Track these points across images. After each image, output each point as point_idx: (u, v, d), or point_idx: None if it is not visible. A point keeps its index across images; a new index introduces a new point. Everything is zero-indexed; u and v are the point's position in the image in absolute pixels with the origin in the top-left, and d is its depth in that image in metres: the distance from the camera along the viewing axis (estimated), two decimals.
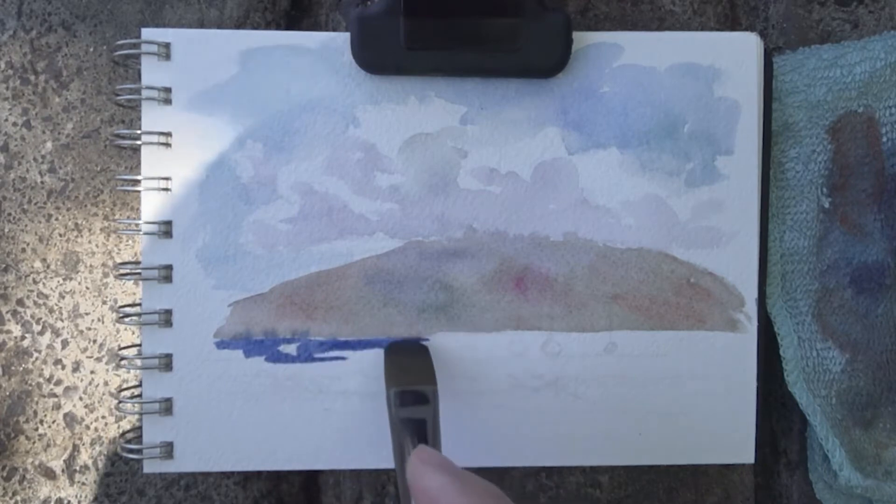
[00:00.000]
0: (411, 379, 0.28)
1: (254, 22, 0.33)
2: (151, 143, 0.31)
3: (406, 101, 0.31)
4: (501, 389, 0.32)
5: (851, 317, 0.33)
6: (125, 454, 0.31)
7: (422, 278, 0.31)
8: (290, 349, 0.31)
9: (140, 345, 0.31)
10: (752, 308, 0.32)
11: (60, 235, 0.33)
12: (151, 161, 0.31)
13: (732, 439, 0.32)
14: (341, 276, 0.31)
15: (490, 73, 0.31)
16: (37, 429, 0.33)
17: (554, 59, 0.30)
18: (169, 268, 0.31)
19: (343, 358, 0.31)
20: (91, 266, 0.33)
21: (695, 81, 0.31)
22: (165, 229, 0.31)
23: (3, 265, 0.33)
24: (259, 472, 0.33)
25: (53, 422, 0.33)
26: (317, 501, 0.34)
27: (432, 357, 0.30)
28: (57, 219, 0.33)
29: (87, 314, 0.33)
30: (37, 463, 0.33)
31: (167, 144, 0.31)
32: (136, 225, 0.31)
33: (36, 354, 0.33)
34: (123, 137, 0.31)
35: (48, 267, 0.33)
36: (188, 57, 0.31)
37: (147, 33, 0.31)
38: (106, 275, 0.33)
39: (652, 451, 0.32)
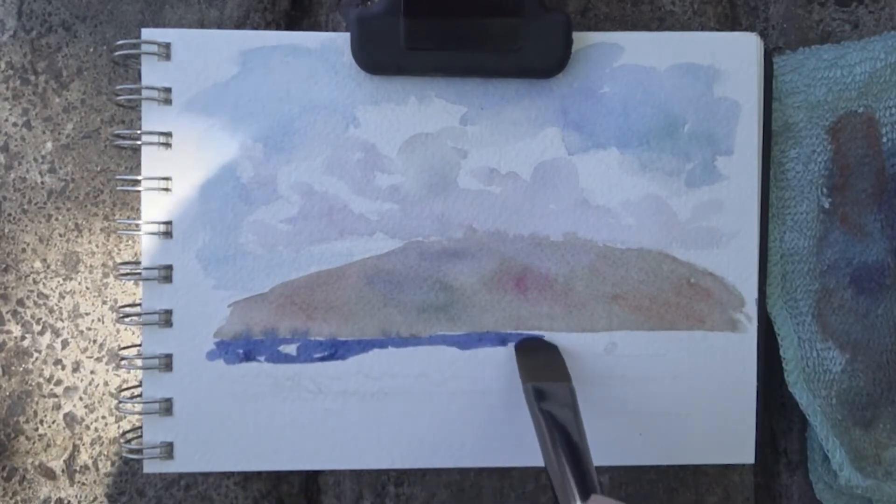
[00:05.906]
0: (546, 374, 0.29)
1: (254, 22, 0.33)
2: (151, 144, 0.31)
3: (406, 101, 0.31)
4: (501, 389, 0.32)
5: (851, 317, 0.33)
6: (125, 454, 0.31)
7: (422, 278, 0.31)
8: (290, 349, 0.31)
9: (140, 345, 0.31)
10: (752, 308, 0.32)
11: (60, 235, 0.33)
12: (151, 161, 0.31)
13: (732, 439, 0.32)
14: (341, 276, 0.31)
15: (490, 73, 0.31)
16: (37, 429, 0.33)
17: (554, 59, 0.30)
18: (169, 268, 0.31)
19: (343, 358, 0.31)
20: (91, 266, 0.33)
21: (695, 81, 0.31)
22: (165, 229, 0.31)
23: (3, 265, 0.33)
24: (259, 472, 0.33)
25: (53, 422, 0.33)
26: (317, 501, 0.34)
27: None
28: (57, 219, 0.33)
29: (87, 314, 0.33)
30: (37, 463, 0.33)
31: (167, 144, 0.31)
32: (136, 225, 0.31)
33: (36, 354, 0.33)
34: (123, 137, 0.31)
35: (48, 267, 0.33)
36: (188, 57, 0.31)
37: (147, 33, 0.31)
38: (106, 275, 0.33)
39: (652, 451, 0.32)
